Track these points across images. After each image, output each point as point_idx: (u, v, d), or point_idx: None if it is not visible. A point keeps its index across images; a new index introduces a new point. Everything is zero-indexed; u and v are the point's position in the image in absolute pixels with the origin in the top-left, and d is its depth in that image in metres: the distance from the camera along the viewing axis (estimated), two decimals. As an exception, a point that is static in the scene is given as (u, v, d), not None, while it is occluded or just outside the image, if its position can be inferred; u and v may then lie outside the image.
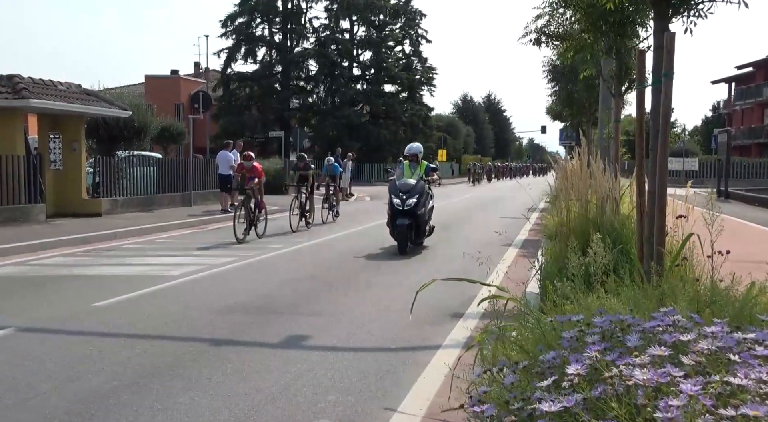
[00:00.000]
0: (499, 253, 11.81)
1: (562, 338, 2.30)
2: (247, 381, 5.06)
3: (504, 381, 2.25)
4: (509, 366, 2.38)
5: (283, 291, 8.73)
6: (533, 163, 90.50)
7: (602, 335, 2.22)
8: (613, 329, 2.27)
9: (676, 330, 2.07)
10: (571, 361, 2.13)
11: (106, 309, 7.41)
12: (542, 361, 2.27)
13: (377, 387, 5.01)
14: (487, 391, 2.26)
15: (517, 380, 2.26)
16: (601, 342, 2.16)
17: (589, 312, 2.87)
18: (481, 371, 2.44)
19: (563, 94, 16.99)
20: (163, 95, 47.57)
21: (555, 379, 1.83)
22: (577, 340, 2.30)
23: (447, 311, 7.43)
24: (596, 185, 6.70)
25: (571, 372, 1.71)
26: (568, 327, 2.46)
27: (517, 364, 2.40)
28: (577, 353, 2.14)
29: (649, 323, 2.15)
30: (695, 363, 1.72)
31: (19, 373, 5.19)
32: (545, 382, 1.85)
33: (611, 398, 1.58)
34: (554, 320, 2.58)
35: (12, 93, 15.23)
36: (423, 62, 57.57)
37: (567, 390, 1.76)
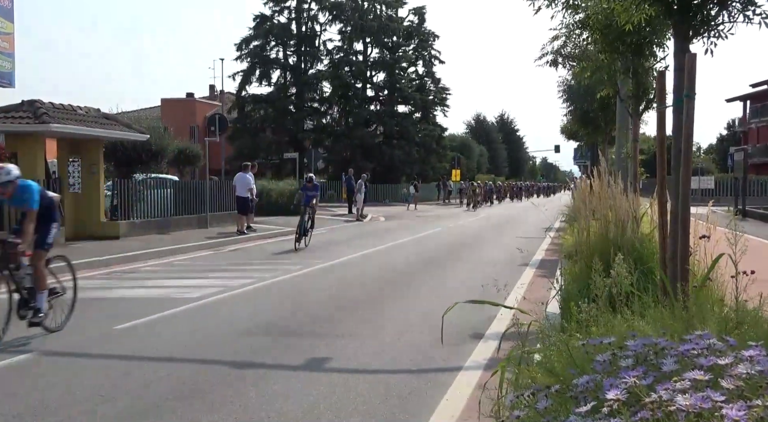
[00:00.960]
0: (517, 273, 11.79)
1: (595, 361, 2.30)
2: (269, 404, 5.07)
3: (537, 405, 2.25)
4: (541, 390, 2.38)
5: (302, 313, 8.74)
6: (534, 184, 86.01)
7: (636, 358, 2.22)
8: (647, 352, 2.26)
9: (711, 353, 2.07)
10: (606, 386, 2.13)
11: (128, 333, 7.45)
12: (575, 385, 2.27)
13: (400, 409, 5.00)
14: (521, 416, 2.26)
15: (551, 404, 2.26)
16: (635, 366, 2.15)
17: (620, 334, 2.86)
18: (514, 396, 2.44)
19: (578, 114, 17.01)
20: (179, 118, 48.12)
21: (594, 405, 1.83)
22: (610, 364, 2.29)
23: (467, 331, 7.41)
24: (617, 205, 6.70)
25: (611, 398, 1.71)
26: (600, 350, 2.46)
27: (548, 388, 2.40)
28: (612, 377, 2.13)
29: (683, 346, 2.15)
30: (734, 388, 1.72)
31: (46, 397, 5.22)
32: (583, 408, 1.85)
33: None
34: (586, 343, 2.58)
35: (33, 118, 15.46)
36: (436, 83, 57.83)
37: (604, 415, 1.77)
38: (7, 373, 5.93)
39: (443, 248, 17.44)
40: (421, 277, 12.14)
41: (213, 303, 9.30)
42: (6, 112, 15.87)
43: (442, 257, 15.32)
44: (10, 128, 15.61)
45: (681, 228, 4.66)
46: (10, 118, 15.61)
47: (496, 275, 10.48)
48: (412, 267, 13.55)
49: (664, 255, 5.26)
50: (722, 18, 4.97)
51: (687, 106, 4.54)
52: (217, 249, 17.01)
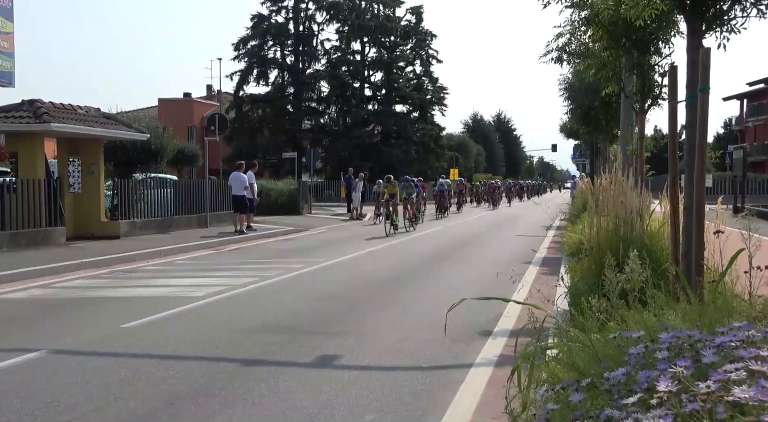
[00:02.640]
0: (521, 271, 11.77)
1: (628, 354, 2.28)
2: (283, 401, 5.05)
3: (571, 398, 2.23)
4: (572, 384, 2.36)
5: (309, 311, 8.72)
6: (516, 183, 64.82)
7: (671, 351, 2.21)
8: (681, 344, 2.25)
9: (749, 345, 2.06)
10: (641, 378, 2.11)
11: (135, 331, 7.42)
12: (608, 378, 2.25)
13: (414, 406, 4.98)
14: (555, 409, 2.25)
15: (585, 398, 2.24)
16: (672, 358, 2.14)
17: (646, 327, 2.85)
18: (546, 390, 2.42)
19: (580, 112, 17.01)
20: (176, 118, 47.96)
21: (641, 396, 1.81)
22: (643, 356, 2.28)
23: (475, 329, 7.40)
24: (626, 201, 6.69)
25: (662, 390, 1.70)
26: (631, 343, 2.44)
27: (578, 382, 2.38)
28: (648, 369, 2.12)
29: (720, 338, 2.13)
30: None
31: (58, 395, 5.20)
32: (631, 399, 1.84)
33: (705, 415, 1.57)
34: (618, 336, 2.56)
35: (33, 117, 15.40)
36: (434, 82, 57.82)
37: (653, 407, 1.75)
38: (17, 371, 5.90)
39: (440, 249, 17.42)
40: (425, 276, 12.13)
41: (218, 302, 9.27)
42: (6, 111, 15.81)
43: (439, 258, 15.31)
44: (11, 128, 15.56)
45: (696, 223, 4.65)
46: (10, 118, 15.55)
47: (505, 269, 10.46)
48: (414, 266, 13.55)
49: (677, 251, 5.25)
50: (735, 12, 4.98)
51: (702, 100, 4.54)
52: (218, 248, 16.98)
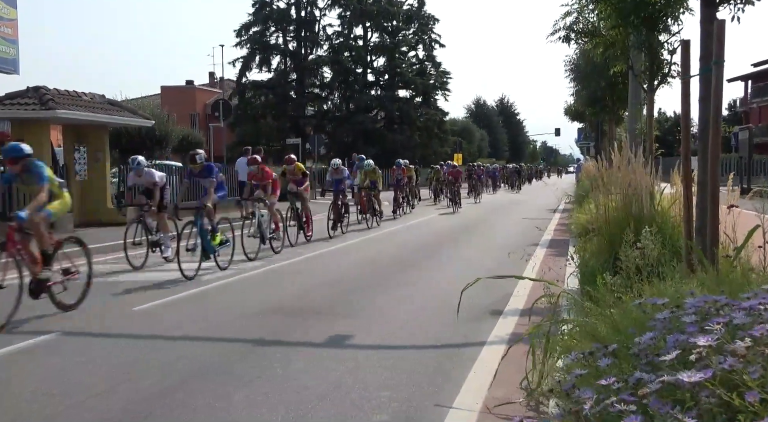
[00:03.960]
0: (529, 253, 11.76)
1: (655, 319, 2.28)
2: (296, 380, 5.06)
3: (600, 363, 2.23)
4: (599, 350, 2.36)
5: (318, 293, 8.74)
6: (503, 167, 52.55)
7: (698, 315, 2.20)
8: (707, 309, 2.25)
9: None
10: (670, 341, 2.11)
11: (147, 313, 7.44)
12: (636, 343, 2.25)
13: (428, 383, 4.99)
14: (582, 374, 2.24)
15: (613, 362, 2.24)
16: (700, 321, 2.13)
17: (669, 297, 2.85)
18: (574, 355, 2.42)
19: (586, 94, 16.92)
20: (179, 105, 47.89)
21: (679, 354, 1.81)
22: (670, 322, 2.28)
23: (485, 309, 7.39)
24: (637, 179, 6.66)
25: (702, 344, 1.69)
26: (656, 310, 2.44)
27: (606, 347, 2.38)
28: (677, 332, 2.12)
29: (748, 303, 2.13)
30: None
31: (73, 375, 5.22)
32: (669, 356, 1.83)
33: (744, 370, 1.56)
34: (643, 302, 2.56)
35: (39, 104, 15.39)
36: (437, 67, 57.59)
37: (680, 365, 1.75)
38: (32, 353, 5.93)
39: (447, 233, 17.42)
40: (433, 259, 12.15)
41: (226, 285, 9.29)
42: (12, 98, 15.80)
43: (447, 241, 15.32)
44: (16, 114, 15.55)
45: (710, 197, 4.63)
46: (15, 105, 15.54)
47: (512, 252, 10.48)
48: (420, 250, 13.56)
49: (690, 226, 5.24)
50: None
51: (717, 73, 4.50)
52: (225, 234, 16.95)
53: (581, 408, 1.75)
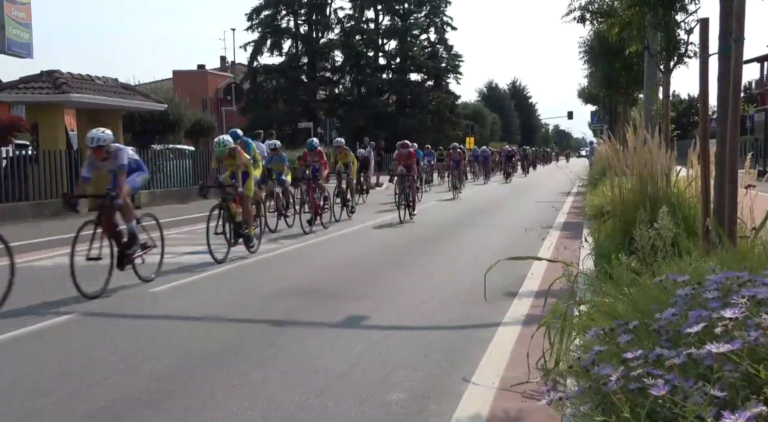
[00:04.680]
0: (542, 235, 11.75)
1: (677, 296, 2.28)
2: (313, 360, 5.10)
3: (620, 339, 2.24)
4: (620, 326, 2.37)
5: (333, 275, 8.78)
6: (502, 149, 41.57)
7: (720, 291, 2.20)
8: (729, 285, 2.24)
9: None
10: (692, 317, 2.11)
11: (164, 295, 7.51)
12: (658, 319, 2.26)
13: (445, 362, 5.02)
14: (602, 350, 2.25)
15: (633, 339, 2.25)
16: (722, 297, 2.14)
17: (693, 273, 2.84)
18: (594, 332, 2.42)
19: (600, 75, 16.80)
20: (191, 90, 47.78)
21: (705, 326, 1.82)
22: (691, 298, 2.28)
23: (500, 290, 7.39)
24: (653, 159, 6.62)
25: (729, 316, 1.70)
26: (677, 286, 2.44)
27: (627, 324, 2.38)
28: (700, 308, 2.12)
29: (770, 277, 2.13)
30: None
31: (92, 355, 5.29)
32: (695, 328, 1.84)
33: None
34: (665, 279, 2.56)
35: (53, 88, 15.45)
36: (449, 50, 57.25)
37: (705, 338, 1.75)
38: (52, 333, 6.01)
39: (462, 216, 17.41)
40: (444, 243, 12.17)
41: (242, 267, 9.35)
42: (26, 82, 15.87)
43: (461, 223, 15.32)
44: (31, 99, 15.63)
45: (729, 177, 4.60)
46: (30, 89, 15.61)
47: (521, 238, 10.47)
48: (432, 234, 13.58)
49: (707, 205, 5.21)
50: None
51: (736, 51, 4.46)
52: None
53: (608, 381, 1.75)
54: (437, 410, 4.07)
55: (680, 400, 1.63)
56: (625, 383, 1.89)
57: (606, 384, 1.92)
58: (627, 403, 1.77)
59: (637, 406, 1.85)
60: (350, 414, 4.00)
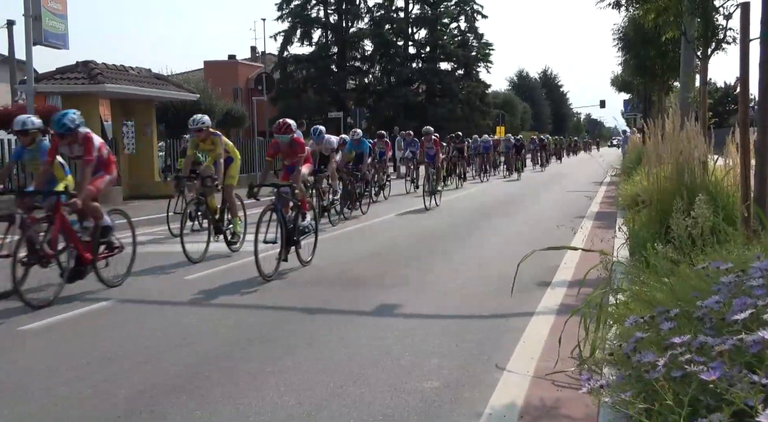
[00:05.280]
0: (575, 225, 11.66)
1: (720, 283, 2.24)
2: (346, 347, 5.13)
3: (661, 327, 2.21)
4: (661, 314, 2.34)
5: (364, 264, 8.80)
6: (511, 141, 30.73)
7: (765, 278, 2.16)
8: (775, 273, 2.20)
9: None
10: (737, 304, 2.08)
11: (197, 282, 7.59)
12: (700, 307, 2.22)
13: (477, 351, 5.01)
14: (643, 337, 2.23)
15: (675, 326, 2.22)
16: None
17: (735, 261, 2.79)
18: (633, 319, 2.39)
19: (634, 63, 16.55)
20: (222, 80, 48.09)
21: (752, 312, 1.78)
22: (735, 286, 2.24)
23: (532, 280, 7.33)
24: (690, 147, 6.51)
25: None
26: (720, 274, 2.40)
27: (668, 312, 2.35)
28: (744, 296, 2.08)
29: (819, 264, 2.08)
30: None
31: (129, 340, 5.38)
32: (741, 315, 1.81)
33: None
34: (707, 266, 2.52)
35: (88, 79, 15.68)
36: (479, 38, 56.78)
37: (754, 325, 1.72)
38: (89, 319, 6.12)
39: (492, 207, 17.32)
40: (476, 232, 12.12)
41: (273, 256, 9.38)
42: (62, 73, 16.12)
43: (490, 215, 15.25)
44: (66, 89, 15.87)
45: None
46: (65, 79, 15.85)
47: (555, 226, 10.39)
48: (462, 224, 13.53)
49: (747, 194, 5.12)
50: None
51: (779, 35, 4.36)
52: (269, 206, 17.13)
53: (651, 369, 1.73)
54: (471, 398, 4.06)
55: (727, 387, 1.60)
56: (668, 370, 1.87)
57: (648, 371, 1.89)
58: (670, 390, 1.75)
59: (679, 394, 1.82)
60: (384, 401, 4.02)
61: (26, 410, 3.95)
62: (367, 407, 3.93)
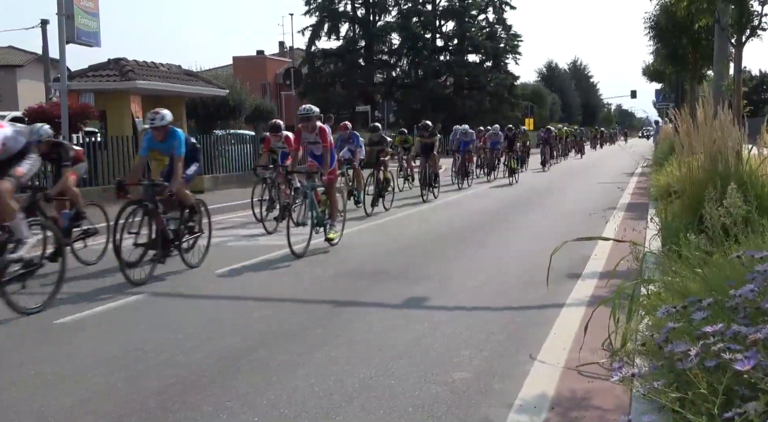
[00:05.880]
0: (606, 217, 11.53)
1: (755, 272, 2.20)
2: (376, 339, 5.14)
3: (693, 316, 2.17)
4: (693, 304, 2.30)
5: (392, 258, 8.81)
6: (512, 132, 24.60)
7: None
8: (812, 261, 2.15)
9: None
10: (771, 293, 2.04)
11: (228, 277, 7.67)
12: (733, 296, 2.19)
13: (508, 343, 4.99)
14: (675, 327, 2.20)
15: (708, 316, 2.19)
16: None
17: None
18: (665, 309, 2.36)
19: (666, 52, 16.28)
20: (251, 75, 48.35)
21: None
22: (770, 273, 2.20)
23: (563, 272, 7.27)
24: (724, 136, 6.39)
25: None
26: (755, 263, 2.36)
27: (700, 301, 2.32)
28: (779, 283, 2.04)
29: None
30: None
31: (160, 333, 5.45)
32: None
33: None
34: (743, 255, 2.48)
35: (120, 76, 15.89)
36: (507, 30, 56.34)
37: None
38: (122, 313, 6.21)
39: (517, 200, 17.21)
40: (505, 224, 12.07)
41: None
42: (94, 70, 16.37)
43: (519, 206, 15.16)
44: (99, 86, 16.10)
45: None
46: (98, 77, 16.09)
47: (585, 219, 10.29)
48: (490, 216, 13.48)
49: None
50: None
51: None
52: (298, 200, 17.22)
53: (684, 358, 1.71)
54: (502, 389, 4.05)
55: (762, 377, 1.57)
56: (701, 360, 1.84)
57: (681, 360, 1.87)
58: (703, 380, 1.72)
59: (713, 383, 1.80)
60: (414, 392, 4.02)
61: (63, 402, 4.03)
62: (397, 398, 3.94)
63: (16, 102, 33.26)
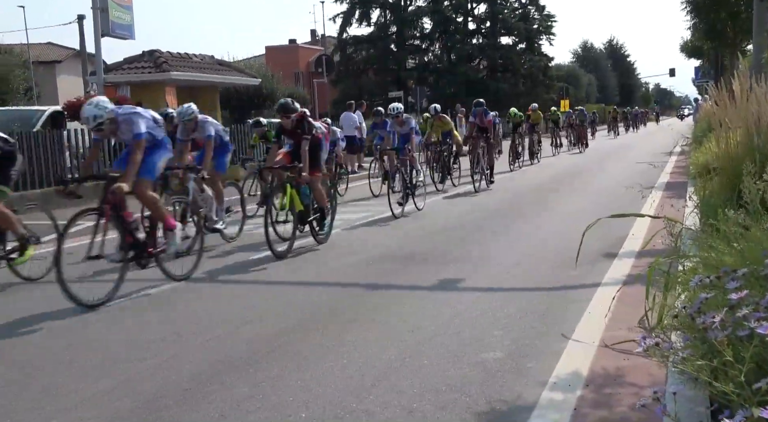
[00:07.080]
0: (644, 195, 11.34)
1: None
2: (407, 321, 5.13)
3: (728, 285, 2.12)
4: (728, 274, 2.25)
5: (423, 242, 8.80)
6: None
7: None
8: None
9: None
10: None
11: (261, 262, 7.73)
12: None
13: (540, 323, 4.94)
14: (708, 298, 2.14)
15: (742, 285, 2.13)
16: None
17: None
18: (699, 278, 2.31)
19: (704, 27, 15.87)
20: (283, 64, 48.66)
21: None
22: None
23: (599, 251, 7.19)
24: (761, 110, 6.21)
25: None
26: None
27: (735, 272, 2.26)
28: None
29: None
30: None
31: (197, 318, 5.53)
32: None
33: None
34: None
35: (154, 67, 16.09)
36: (540, 10, 55.50)
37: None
38: (161, 298, 6.31)
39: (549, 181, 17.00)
40: (540, 205, 11.95)
41: (337, 235, 9.47)
42: (129, 63, 16.60)
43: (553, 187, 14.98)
44: (134, 78, 16.33)
45: None
46: (133, 69, 16.31)
47: (623, 197, 10.12)
48: (525, 196, 13.36)
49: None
50: None
51: None
52: (332, 187, 17.28)
53: (711, 324, 1.67)
54: (535, 368, 4.02)
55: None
56: (733, 330, 1.79)
57: (713, 331, 1.82)
58: (730, 348, 1.68)
59: (742, 353, 1.75)
60: (446, 372, 4.01)
61: (102, 385, 4.11)
62: (429, 378, 3.93)
63: (56, 97, 33.92)
